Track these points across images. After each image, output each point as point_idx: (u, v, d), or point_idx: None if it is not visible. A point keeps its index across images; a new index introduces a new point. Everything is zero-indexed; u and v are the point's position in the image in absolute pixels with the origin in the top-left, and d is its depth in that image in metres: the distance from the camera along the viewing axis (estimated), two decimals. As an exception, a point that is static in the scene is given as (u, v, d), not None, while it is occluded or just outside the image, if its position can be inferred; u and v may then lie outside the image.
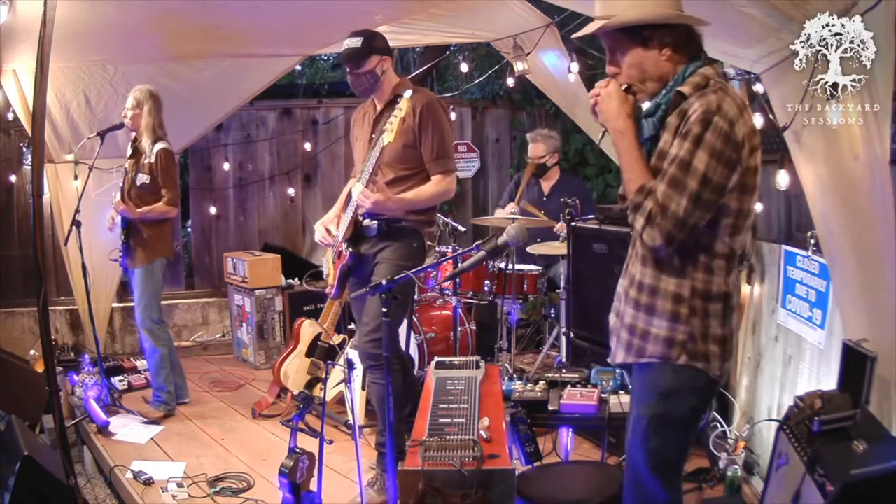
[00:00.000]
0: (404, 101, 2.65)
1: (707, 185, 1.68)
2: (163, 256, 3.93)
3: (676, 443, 1.88)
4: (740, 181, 1.72)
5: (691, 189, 1.68)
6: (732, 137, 1.67)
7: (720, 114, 1.67)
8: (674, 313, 1.79)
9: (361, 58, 2.89)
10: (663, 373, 1.81)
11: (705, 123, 1.67)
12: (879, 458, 1.82)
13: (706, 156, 1.67)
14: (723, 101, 1.69)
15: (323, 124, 6.02)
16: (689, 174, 1.68)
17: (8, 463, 2.44)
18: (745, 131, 1.70)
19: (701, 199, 1.69)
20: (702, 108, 1.68)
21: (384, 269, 2.91)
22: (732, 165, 1.69)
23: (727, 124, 1.67)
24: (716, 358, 1.80)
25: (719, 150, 1.67)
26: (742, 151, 1.69)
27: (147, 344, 3.94)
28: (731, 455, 2.96)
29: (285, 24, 3.84)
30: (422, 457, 2.10)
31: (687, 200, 1.69)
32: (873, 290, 2.10)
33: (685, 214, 1.69)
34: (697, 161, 1.67)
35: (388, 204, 2.83)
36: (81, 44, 3.77)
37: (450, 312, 4.25)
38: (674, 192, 1.69)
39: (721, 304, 1.79)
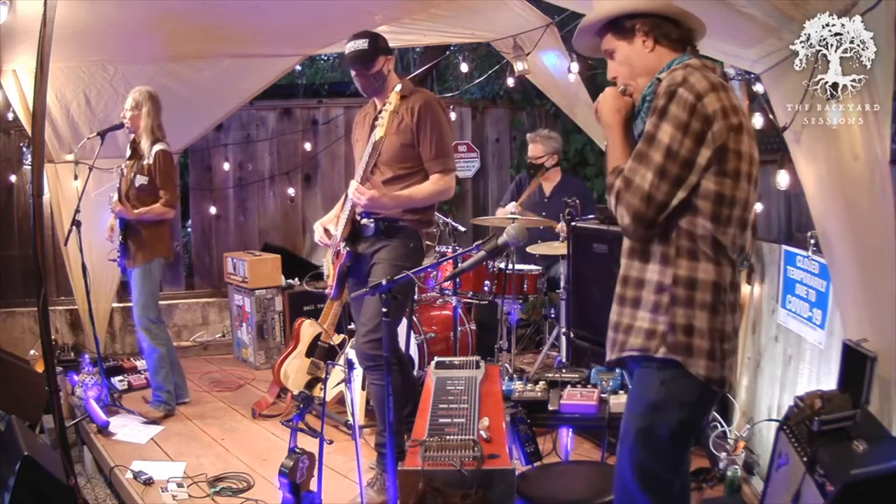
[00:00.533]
0: (394, 94, 2.68)
1: (672, 157, 1.62)
2: (161, 257, 3.93)
3: (664, 457, 1.77)
4: (717, 160, 1.64)
5: (655, 162, 1.63)
6: (699, 110, 1.61)
7: (685, 85, 1.63)
8: (655, 303, 1.72)
9: (370, 59, 2.89)
10: (651, 380, 1.73)
11: (669, 95, 1.63)
12: (879, 458, 1.82)
13: (670, 127, 1.62)
14: (690, 76, 1.65)
15: (323, 124, 6.02)
16: (652, 146, 1.64)
17: (8, 463, 2.44)
18: (718, 107, 1.63)
19: (667, 172, 1.63)
20: (666, 82, 1.66)
21: (381, 269, 2.91)
22: (699, 138, 1.62)
23: (692, 96, 1.62)
24: (701, 354, 1.68)
25: (684, 121, 1.61)
26: (713, 126, 1.62)
27: (145, 343, 3.94)
28: (731, 455, 2.96)
29: (285, 24, 3.84)
30: (422, 457, 2.10)
31: (652, 174, 1.63)
32: (873, 291, 2.10)
33: (651, 188, 1.63)
34: (661, 133, 1.63)
35: (384, 201, 2.82)
36: (81, 44, 3.77)
37: (450, 312, 4.25)
38: (638, 166, 1.65)
39: (710, 295, 1.68)
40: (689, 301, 1.68)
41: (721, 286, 1.70)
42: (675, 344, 1.68)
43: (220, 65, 4.53)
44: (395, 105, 2.67)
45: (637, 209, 1.65)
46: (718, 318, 1.70)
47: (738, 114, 1.66)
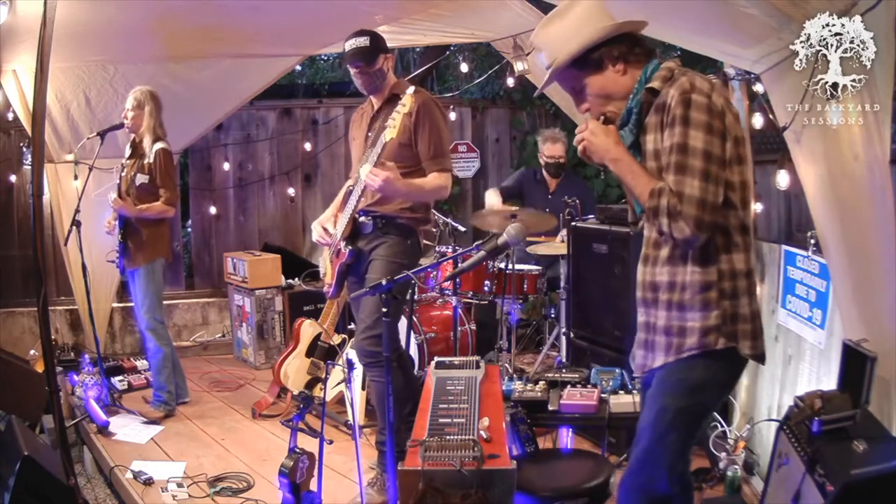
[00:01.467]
0: (408, 96, 2.64)
1: (710, 159, 1.69)
2: (162, 257, 3.93)
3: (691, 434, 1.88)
4: (735, 152, 1.74)
5: (699, 168, 1.68)
6: (713, 108, 1.70)
7: (695, 90, 1.70)
8: (704, 301, 1.79)
9: (372, 56, 2.90)
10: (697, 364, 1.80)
11: (686, 103, 1.69)
12: (879, 458, 1.82)
13: (699, 132, 1.69)
14: (693, 80, 1.73)
15: (323, 124, 6.02)
16: (690, 155, 1.69)
17: (8, 463, 2.44)
18: (722, 101, 1.72)
19: (710, 174, 1.69)
20: (678, 91, 1.70)
21: (378, 265, 2.91)
22: (723, 135, 1.71)
23: (704, 97, 1.69)
24: (746, 336, 1.80)
25: (707, 122, 1.69)
26: (726, 120, 1.71)
27: (151, 344, 3.94)
28: (731, 455, 2.96)
29: (285, 24, 3.84)
30: (422, 457, 2.10)
31: (699, 179, 1.69)
32: (873, 291, 2.10)
33: (702, 193, 1.68)
34: (693, 140, 1.69)
35: (398, 185, 2.78)
36: (81, 44, 3.76)
37: (450, 312, 4.25)
38: (683, 177, 1.69)
39: (746, 281, 1.80)
40: (734, 292, 1.79)
41: (751, 270, 1.82)
42: (730, 333, 1.79)
43: (220, 65, 4.53)
44: (409, 107, 2.65)
45: (697, 217, 1.69)
46: (754, 299, 1.83)
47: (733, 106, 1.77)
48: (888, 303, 1.98)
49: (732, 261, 1.79)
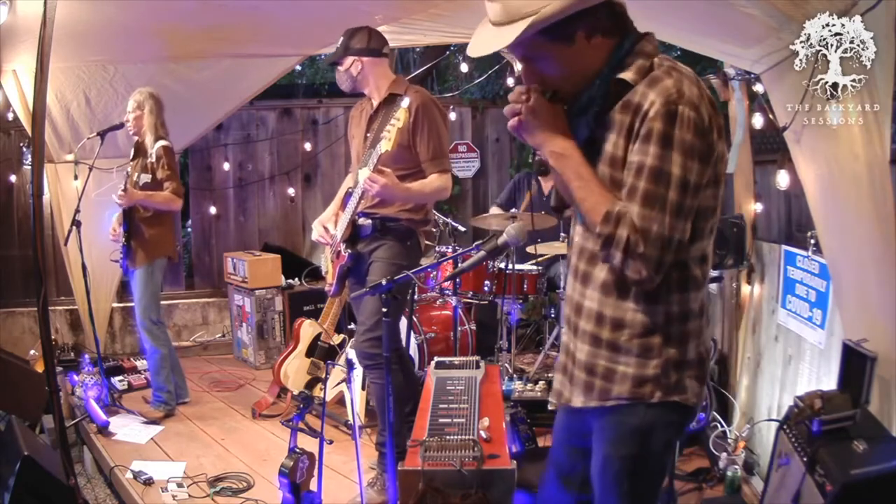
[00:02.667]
0: (402, 111, 2.63)
1: (686, 190, 1.39)
2: (164, 256, 3.93)
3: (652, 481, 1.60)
4: (714, 172, 1.44)
5: (671, 201, 1.38)
6: (701, 125, 1.38)
7: (683, 101, 1.37)
8: (644, 347, 1.49)
9: (338, 56, 2.98)
10: (635, 411, 1.52)
11: (669, 118, 1.37)
12: (879, 458, 1.82)
13: (680, 157, 1.37)
14: (681, 84, 1.39)
15: (323, 124, 6.02)
16: (664, 184, 1.38)
17: (8, 463, 2.44)
18: (710, 111, 1.40)
19: (683, 208, 1.40)
20: (661, 98, 1.37)
21: (379, 267, 2.91)
22: (707, 158, 1.40)
23: (693, 111, 1.37)
24: (693, 385, 1.51)
25: (691, 144, 1.37)
26: (712, 137, 1.40)
27: (147, 344, 3.94)
28: (731, 455, 2.96)
29: (285, 24, 3.84)
30: (422, 457, 2.10)
31: (669, 216, 1.38)
32: (873, 291, 2.10)
33: (670, 232, 1.39)
34: (672, 166, 1.37)
35: (395, 190, 2.79)
36: (81, 44, 3.76)
37: (450, 312, 4.25)
38: (652, 212, 1.38)
39: (698, 321, 1.52)
40: (683, 337, 1.50)
41: (704, 307, 1.54)
42: (669, 386, 1.49)
43: (220, 65, 4.53)
44: (403, 122, 2.64)
45: (659, 259, 1.40)
46: (704, 338, 1.54)
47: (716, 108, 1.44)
48: (888, 303, 1.98)
49: (687, 300, 1.49)
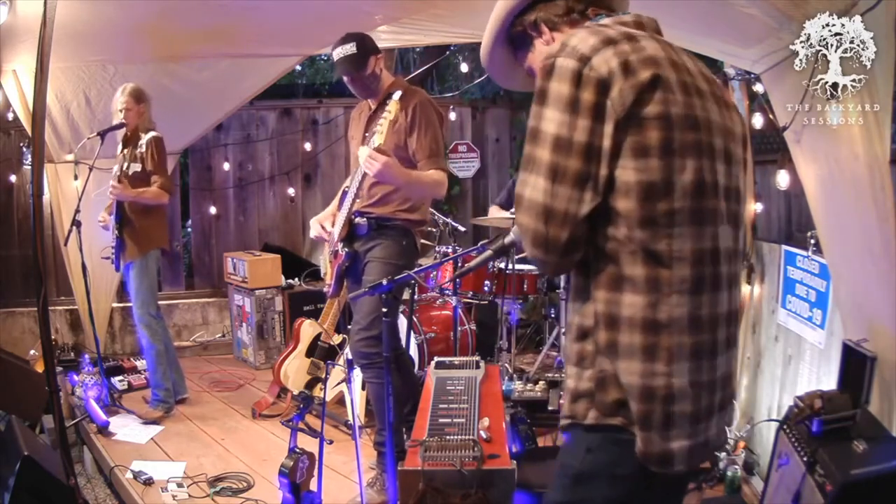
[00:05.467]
0: (393, 102, 2.60)
1: (563, 148, 1.18)
2: (157, 247, 3.93)
3: None
4: (630, 136, 1.17)
5: (545, 161, 1.19)
6: (587, 75, 1.17)
7: (564, 51, 1.20)
8: (580, 354, 1.27)
9: (362, 62, 2.87)
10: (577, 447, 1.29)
11: (546, 71, 1.21)
12: (879, 458, 1.82)
13: (554, 111, 1.19)
14: (570, 38, 1.22)
15: (323, 124, 6.02)
16: (537, 143, 1.20)
17: (8, 463, 2.44)
18: (616, 64, 1.17)
19: (563, 171, 1.18)
20: (543, 55, 1.26)
21: (374, 267, 2.91)
22: (596, 113, 1.17)
23: (575, 60, 1.18)
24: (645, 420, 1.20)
25: (570, 96, 1.18)
26: (611, 90, 1.16)
27: (144, 340, 3.94)
28: (731, 455, 2.96)
29: (285, 24, 3.84)
30: (422, 457, 2.10)
31: (544, 178, 1.19)
32: (873, 290, 2.10)
33: (547, 198, 1.19)
34: (545, 123, 1.20)
35: (395, 171, 2.71)
36: (81, 44, 3.77)
37: (450, 312, 4.25)
38: (527, 174, 1.22)
39: (639, 336, 1.20)
40: (612, 348, 1.22)
41: (658, 323, 1.20)
42: (607, 405, 1.23)
43: (220, 65, 4.53)
44: (394, 114, 2.60)
45: (535, 231, 1.21)
46: (658, 368, 1.20)
47: (661, 66, 1.20)
48: (888, 303, 1.98)
49: (618, 303, 1.21)
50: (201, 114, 5.03)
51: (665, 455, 1.21)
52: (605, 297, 1.23)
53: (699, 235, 1.22)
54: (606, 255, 1.22)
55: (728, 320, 1.29)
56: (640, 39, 1.23)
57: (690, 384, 1.22)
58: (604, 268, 1.23)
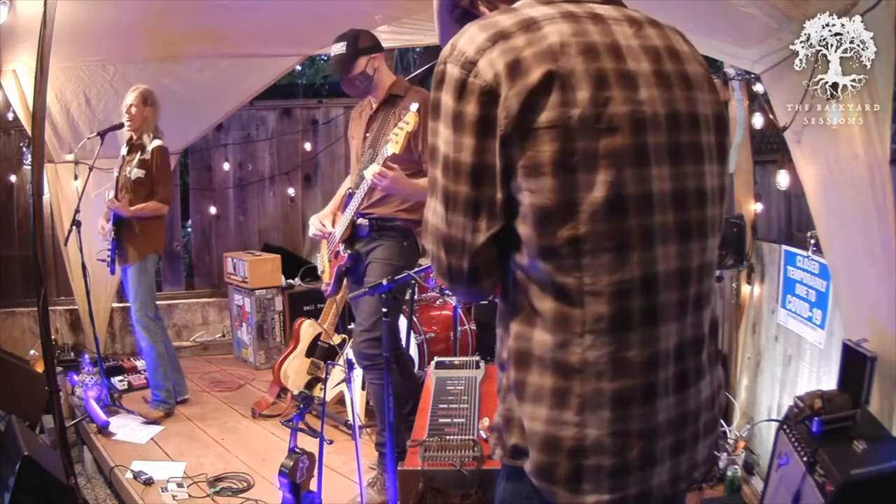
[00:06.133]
0: (412, 115, 2.58)
1: (451, 170, 1.04)
2: (154, 252, 3.93)
3: None
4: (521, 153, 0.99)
5: (439, 185, 1.06)
6: (474, 83, 1.00)
7: (452, 56, 1.03)
8: (498, 383, 1.17)
9: (349, 62, 2.87)
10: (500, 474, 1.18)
11: (437, 80, 1.06)
12: (879, 458, 1.82)
13: (444, 127, 1.04)
14: (459, 38, 1.04)
15: (323, 124, 6.02)
16: (434, 163, 1.08)
17: (8, 463, 2.44)
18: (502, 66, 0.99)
19: (454, 196, 1.04)
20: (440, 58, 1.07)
21: (376, 268, 2.92)
22: (485, 128, 1.00)
23: (460, 68, 1.01)
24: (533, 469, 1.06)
25: (455, 110, 1.02)
26: (498, 99, 0.99)
27: (143, 342, 3.94)
28: (731, 455, 2.96)
29: (285, 24, 3.84)
30: (422, 457, 2.11)
31: (440, 203, 1.07)
32: (873, 290, 2.10)
33: (444, 225, 1.06)
34: (438, 140, 1.06)
35: (402, 184, 2.74)
36: (81, 44, 3.77)
37: (450, 312, 4.25)
38: (429, 197, 1.10)
39: (552, 381, 1.04)
40: (519, 387, 1.08)
41: (568, 367, 1.03)
42: (508, 448, 1.10)
43: (220, 65, 4.53)
44: (413, 126, 2.58)
45: (438, 259, 1.10)
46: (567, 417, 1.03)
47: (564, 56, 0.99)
48: (888, 303, 1.98)
49: (529, 339, 1.06)
50: (201, 114, 5.03)
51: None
52: (517, 330, 1.08)
53: (620, 263, 1.01)
54: (519, 284, 1.07)
55: (681, 354, 1.08)
56: (542, 26, 1.01)
57: (613, 434, 1.03)
58: (517, 298, 1.08)
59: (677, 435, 1.09)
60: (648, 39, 1.08)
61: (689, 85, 1.09)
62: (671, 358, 1.06)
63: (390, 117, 2.92)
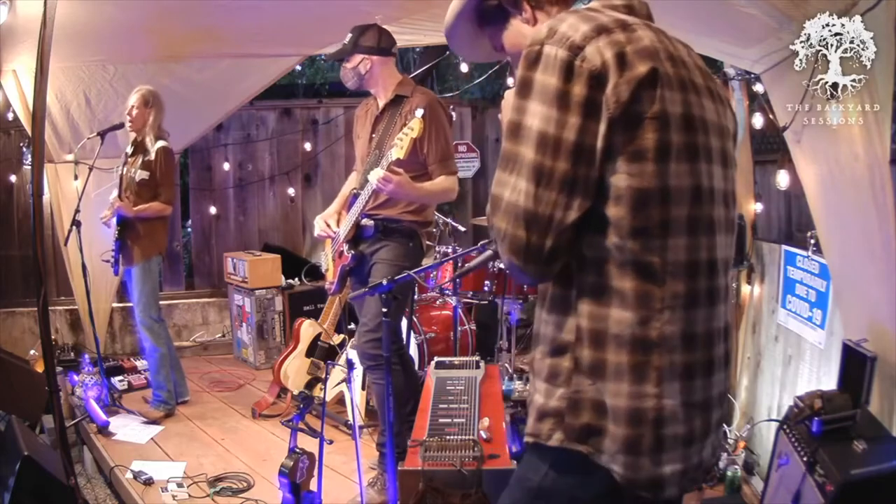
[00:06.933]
0: (417, 121, 2.59)
1: (550, 147, 1.05)
2: (158, 252, 3.93)
3: None
4: (625, 136, 1.05)
5: (529, 161, 1.07)
6: (580, 67, 1.04)
7: (552, 39, 1.07)
8: (553, 369, 1.15)
9: (346, 53, 2.96)
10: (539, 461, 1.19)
11: (531, 59, 1.08)
12: (879, 458, 1.82)
13: (539, 105, 1.06)
14: (559, 24, 1.08)
15: (323, 124, 6.02)
16: (519, 140, 1.08)
17: (8, 463, 2.44)
18: (610, 55, 1.05)
19: (550, 172, 1.06)
20: (529, 41, 1.10)
21: (381, 269, 2.92)
22: (589, 110, 1.05)
23: (566, 49, 1.05)
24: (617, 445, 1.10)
25: (558, 89, 1.05)
26: (606, 85, 1.04)
27: (147, 343, 3.94)
28: (731, 455, 2.96)
29: (285, 24, 3.84)
30: (422, 457, 2.11)
31: (527, 180, 1.07)
32: (873, 290, 2.10)
33: (530, 202, 1.07)
34: (529, 117, 1.07)
35: (407, 188, 2.76)
36: (81, 44, 3.77)
37: (450, 312, 4.25)
38: (506, 175, 1.10)
39: (627, 356, 1.09)
40: (598, 367, 1.11)
41: (648, 342, 1.09)
42: (576, 429, 1.12)
43: (220, 65, 4.53)
44: (418, 132, 2.59)
45: (514, 238, 1.09)
46: (647, 390, 1.09)
47: (659, 58, 1.08)
48: (888, 303, 1.98)
49: (605, 318, 1.10)
50: (201, 114, 5.03)
51: (655, 480, 1.11)
52: (590, 311, 1.11)
53: (695, 246, 1.11)
54: (593, 265, 1.10)
55: (725, 335, 1.20)
56: (635, 28, 1.10)
57: (683, 405, 1.11)
58: (589, 279, 1.11)
59: (720, 410, 1.21)
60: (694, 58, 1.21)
61: (722, 101, 1.24)
62: (722, 337, 1.19)
63: (396, 118, 2.93)
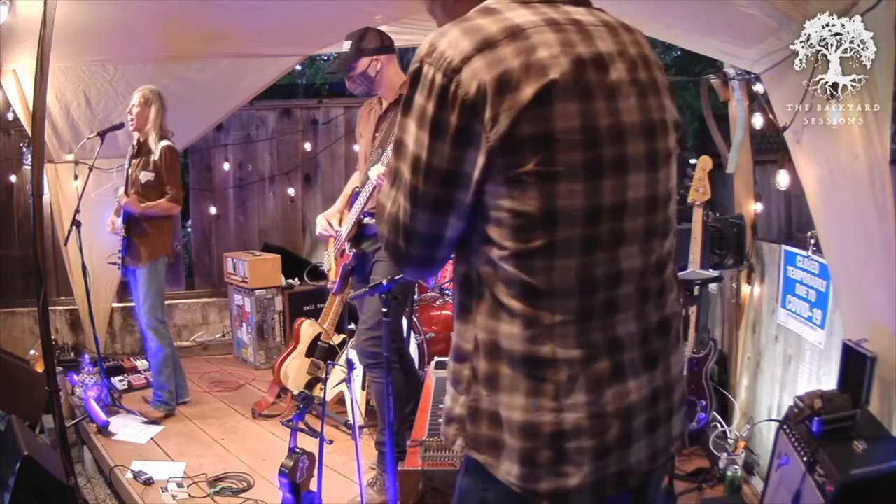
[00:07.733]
0: None
1: (422, 172, 1.04)
2: (165, 255, 3.93)
3: None
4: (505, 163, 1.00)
5: (405, 181, 1.07)
6: (456, 93, 0.99)
7: (431, 58, 1.02)
8: (455, 375, 1.17)
9: (350, 62, 2.90)
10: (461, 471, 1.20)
11: (412, 77, 1.05)
12: (879, 458, 1.82)
13: (416, 128, 1.04)
14: (440, 40, 1.03)
15: (323, 124, 6.02)
16: (400, 158, 1.07)
17: (8, 463, 2.44)
18: (488, 79, 0.98)
19: (423, 195, 1.05)
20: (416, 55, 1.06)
21: (382, 267, 2.92)
22: (465, 139, 1.00)
23: (441, 73, 1.00)
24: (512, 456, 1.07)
25: (433, 116, 1.02)
26: (484, 114, 0.98)
27: (152, 343, 3.94)
28: (731, 455, 2.96)
29: (285, 24, 3.84)
30: (422, 457, 2.11)
31: (404, 198, 1.07)
32: (873, 290, 2.10)
33: (407, 219, 1.08)
34: (408, 137, 1.06)
35: None
36: (81, 44, 3.77)
37: (450, 312, 4.24)
38: (389, 188, 1.11)
39: (523, 371, 1.06)
40: (493, 378, 1.09)
41: (540, 358, 1.05)
42: (475, 438, 1.11)
43: (220, 65, 4.53)
44: None
45: (395, 247, 1.12)
46: (544, 403, 1.05)
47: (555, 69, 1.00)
48: (888, 303, 1.98)
49: (497, 331, 1.07)
50: (201, 114, 5.03)
51: (558, 492, 1.06)
52: (485, 323, 1.09)
53: (589, 264, 1.05)
54: (486, 279, 1.08)
55: (646, 336, 1.12)
56: (530, 35, 1.01)
57: (591, 416, 1.06)
58: (483, 291, 1.09)
59: (652, 410, 1.14)
60: (625, 46, 1.10)
61: (659, 91, 1.14)
62: (636, 340, 1.11)
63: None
